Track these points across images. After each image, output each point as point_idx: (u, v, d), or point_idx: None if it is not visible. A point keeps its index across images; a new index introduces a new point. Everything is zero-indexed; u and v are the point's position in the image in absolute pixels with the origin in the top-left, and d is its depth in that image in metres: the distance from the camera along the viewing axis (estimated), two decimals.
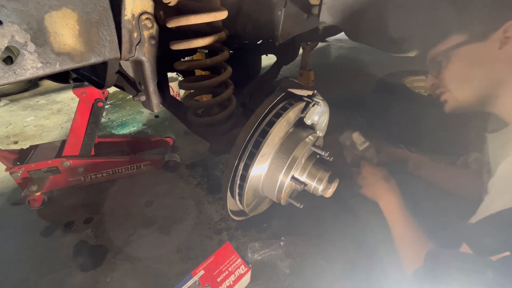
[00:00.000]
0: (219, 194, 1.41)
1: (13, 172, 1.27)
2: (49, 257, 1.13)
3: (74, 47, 0.54)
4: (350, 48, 4.01)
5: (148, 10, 0.65)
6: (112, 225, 1.26)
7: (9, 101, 2.54)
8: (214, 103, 0.92)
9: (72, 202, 1.39)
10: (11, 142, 1.95)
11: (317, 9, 0.93)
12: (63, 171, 1.34)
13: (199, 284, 0.89)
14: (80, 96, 1.29)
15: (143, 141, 1.71)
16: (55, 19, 0.50)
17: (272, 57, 1.38)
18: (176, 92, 2.45)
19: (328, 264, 1.06)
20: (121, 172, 1.48)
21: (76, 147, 1.35)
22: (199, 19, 0.71)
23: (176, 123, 2.09)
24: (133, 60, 0.69)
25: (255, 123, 0.78)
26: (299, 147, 0.83)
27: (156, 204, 1.38)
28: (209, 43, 0.78)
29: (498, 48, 0.65)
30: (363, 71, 3.08)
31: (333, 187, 0.85)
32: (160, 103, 0.80)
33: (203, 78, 0.90)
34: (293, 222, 1.24)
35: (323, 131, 1.08)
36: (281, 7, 1.00)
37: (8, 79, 0.48)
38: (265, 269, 1.05)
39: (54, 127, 2.15)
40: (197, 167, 1.63)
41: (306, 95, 0.86)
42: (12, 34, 0.46)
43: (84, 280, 1.04)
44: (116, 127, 2.14)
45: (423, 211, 1.03)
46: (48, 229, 1.25)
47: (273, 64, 1.35)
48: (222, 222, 1.27)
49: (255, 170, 0.80)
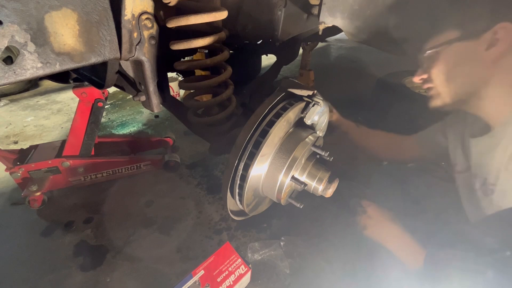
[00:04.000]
0: (219, 194, 1.41)
1: (13, 172, 1.27)
2: (49, 257, 1.13)
3: (74, 47, 0.54)
4: (350, 48, 4.01)
5: (148, 10, 0.65)
6: (112, 225, 1.26)
7: (9, 101, 2.54)
8: (214, 103, 0.92)
9: (72, 202, 1.39)
10: (11, 142, 1.95)
11: (317, 9, 0.93)
12: (63, 171, 1.34)
13: (199, 284, 0.89)
14: (80, 96, 1.29)
15: (143, 141, 1.71)
16: (55, 19, 0.50)
17: (272, 57, 1.38)
18: (176, 92, 2.45)
19: (328, 264, 1.06)
20: (121, 172, 1.48)
21: (76, 147, 1.35)
22: (199, 19, 0.71)
23: (176, 123, 2.09)
24: (133, 60, 0.69)
25: (255, 123, 0.78)
26: (299, 147, 0.83)
27: (156, 204, 1.38)
28: (209, 43, 0.78)
29: (485, 49, 0.66)
30: (363, 71, 3.08)
31: (333, 187, 0.85)
32: (160, 103, 0.80)
33: (203, 78, 0.90)
34: (293, 222, 1.24)
35: (323, 131, 1.08)
36: (281, 7, 1.00)
37: (8, 79, 0.48)
38: (265, 269, 1.05)
39: (54, 127, 2.15)
40: (197, 167, 1.63)
41: (306, 95, 0.86)
42: (12, 34, 0.46)
43: (84, 280, 1.04)
44: (116, 127, 2.14)
45: (423, 211, 1.03)
46: (48, 229, 1.25)
47: (273, 64, 1.35)
48: (222, 222, 1.27)
49: (255, 170, 0.80)
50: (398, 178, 1.22)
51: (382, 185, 1.22)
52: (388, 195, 1.16)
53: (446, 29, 0.72)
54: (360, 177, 1.34)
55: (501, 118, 0.69)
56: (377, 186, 1.25)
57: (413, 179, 1.18)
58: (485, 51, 0.66)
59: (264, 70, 1.40)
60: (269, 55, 1.51)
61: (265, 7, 0.99)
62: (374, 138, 1.24)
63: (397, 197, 1.13)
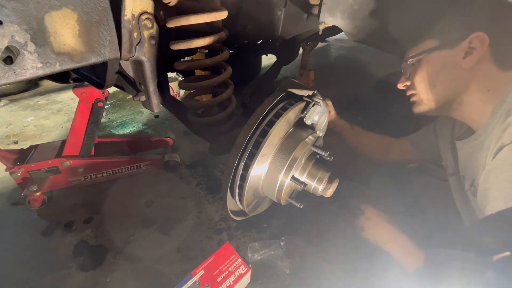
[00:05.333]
0: (219, 194, 1.41)
1: (13, 172, 1.27)
2: (49, 257, 1.13)
3: (74, 47, 0.54)
4: (350, 48, 4.01)
5: (148, 10, 0.65)
6: (112, 225, 1.26)
7: (9, 101, 2.54)
8: (214, 103, 0.92)
9: (72, 202, 1.39)
10: (11, 142, 1.95)
11: (317, 9, 0.93)
12: (63, 171, 1.34)
13: (199, 284, 0.89)
14: (80, 96, 1.29)
15: (143, 141, 1.71)
16: (55, 19, 0.50)
17: (272, 57, 1.38)
18: (176, 92, 2.45)
19: (328, 264, 1.06)
20: (121, 172, 1.48)
21: (76, 147, 1.35)
22: (199, 19, 0.71)
23: (176, 123, 2.09)
24: (133, 60, 0.69)
25: (255, 123, 0.78)
26: (299, 147, 0.83)
27: (156, 204, 1.38)
28: (209, 43, 0.78)
29: (462, 57, 0.68)
30: (363, 71, 3.08)
31: (333, 187, 0.85)
32: (160, 103, 0.80)
33: (203, 78, 0.90)
34: (293, 222, 1.24)
35: (323, 131, 1.08)
36: (281, 7, 1.00)
37: (8, 79, 0.48)
38: (265, 269, 1.05)
39: (54, 127, 2.15)
40: (197, 167, 1.63)
41: (306, 95, 0.86)
42: (12, 34, 0.46)
43: (84, 280, 1.04)
44: (116, 127, 2.14)
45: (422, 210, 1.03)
46: (48, 229, 1.25)
47: (273, 64, 1.35)
48: (222, 222, 1.27)
49: (255, 170, 0.80)
50: (398, 178, 1.22)
51: (382, 185, 1.23)
52: (388, 195, 1.16)
53: (426, 38, 0.75)
54: (360, 177, 1.34)
55: (482, 121, 0.71)
56: (377, 186, 1.25)
57: (413, 179, 1.18)
58: (463, 59, 0.68)
59: (264, 70, 1.40)
60: (269, 55, 1.51)
61: (265, 7, 0.99)
62: (366, 140, 1.25)
63: (397, 197, 1.13)
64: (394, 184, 1.21)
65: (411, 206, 1.07)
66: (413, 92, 0.82)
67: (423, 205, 1.06)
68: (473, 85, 0.71)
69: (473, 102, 0.72)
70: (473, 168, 0.73)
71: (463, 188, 0.81)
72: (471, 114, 0.74)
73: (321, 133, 1.07)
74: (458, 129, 0.88)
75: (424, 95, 0.79)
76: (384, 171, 1.31)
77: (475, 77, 0.70)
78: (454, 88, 0.73)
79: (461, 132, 0.85)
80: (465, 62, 0.68)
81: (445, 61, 0.72)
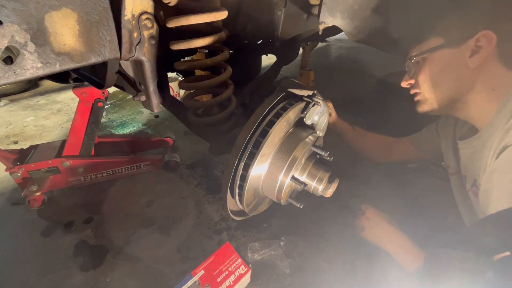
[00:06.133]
0: (219, 194, 1.41)
1: (13, 172, 1.27)
2: (49, 257, 1.13)
3: (74, 47, 0.54)
4: (350, 48, 4.01)
5: (148, 10, 0.65)
6: (112, 225, 1.26)
7: (9, 101, 2.54)
8: (214, 103, 0.92)
9: (72, 202, 1.39)
10: (11, 142, 1.95)
11: (317, 9, 0.93)
12: (63, 171, 1.34)
13: (199, 284, 0.89)
14: (80, 96, 1.29)
15: (143, 141, 1.71)
16: (55, 19, 0.50)
17: (272, 57, 1.38)
18: (176, 92, 2.45)
19: (328, 264, 1.06)
20: (121, 172, 1.48)
21: (76, 147, 1.35)
22: (199, 19, 0.71)
23: (176, 123, 2.09)
24: (133, 60, 0.69)
25: (255, 123, 0.78)
26: (299, 147, 0.83)
27: (156, 204, 1.38)
28: (209, 43, 0.78)
29: (468, 56, 0.67)
30: (363, 71, 3.08)
31: (333, 187, 0.85)
32: (160, 103, 0.80)
33: (203, 78, 0.90)
34: (293, 222, 1.24)
35: (323, 131, 1.08)
36: (281, 7, 1.00)
37: (8, 79, 0.48)
38: (265, 269, 1.05)
39: (54, 127, 2.15)
40: (197, 167, 1.63)
41: (306, 95, 0.86)
42: (12, 34, 0.46)
43: (84, 280, 1.04)
44: (116, 127, 2.14)
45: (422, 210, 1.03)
46: (48, 229, 1.25)
47: (273, 64, 1.35)
48: (222, 222, 1.27)
49: (255, 170, 0.80)
50: (398, 178, 1.22)
51: (382, 185, 1.23)
52: (388, 195, 1.16)
53: (430, 36, 0.74)
54: (360, 177, 1.34)
55: (485, 121, 0.71)
56: (377, 186, 1.25)
57: (413, 179, 1.18)
58: (469, 58, 0.67)
59: (264, 70, 1.40)
60: (269, 55, 1.51)
61: (265, 7, 0.99)
62: (368, 140, 1.25)
63: (397, 197, 1.13)
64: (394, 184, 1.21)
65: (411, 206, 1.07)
66: (417, 90, 0.81)
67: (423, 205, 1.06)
68: (478, 84, 0.69)
69: (478, 101, 0.71)
70: (475, 168, 0.73)
71: (464, 187, 0.81)
72: (476, 113, 0.73)
73: (321, 133, 1.07)
74: (460, 129, 0.87)
75: (428, 94, 0.78)
76: (384, 171, 1.31)
77: (480, 76, 0.69)
78: (459, 87, 0.72)
79: (463, 131, 0.85)
80: (472, 61, 0.67)
81: (450, 59, 0.71)
